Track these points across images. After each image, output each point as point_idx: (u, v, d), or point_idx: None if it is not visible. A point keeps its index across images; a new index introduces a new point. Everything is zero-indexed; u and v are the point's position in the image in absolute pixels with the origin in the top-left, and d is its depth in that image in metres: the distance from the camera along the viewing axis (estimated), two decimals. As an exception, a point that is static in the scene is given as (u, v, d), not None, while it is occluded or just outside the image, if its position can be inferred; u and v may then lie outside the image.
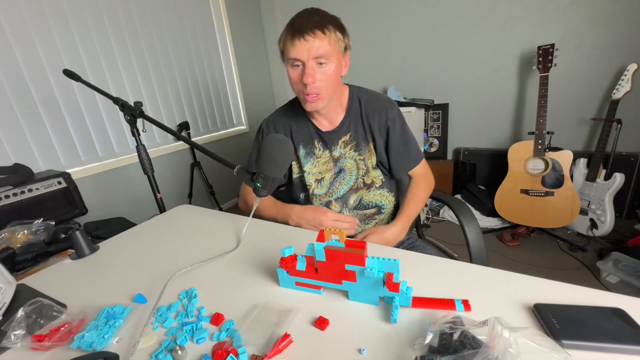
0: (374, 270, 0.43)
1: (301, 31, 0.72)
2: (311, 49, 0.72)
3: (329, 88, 0.79)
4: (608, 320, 0.38)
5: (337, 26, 0.76)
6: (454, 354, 0.32)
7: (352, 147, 0.90)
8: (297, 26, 0.73)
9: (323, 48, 0.73)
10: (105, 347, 0.43)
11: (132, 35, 1.99)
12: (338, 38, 0.76)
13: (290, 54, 0.75)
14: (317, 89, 0.77)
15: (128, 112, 0.95)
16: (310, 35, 0.72)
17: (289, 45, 0.74)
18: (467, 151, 2.40)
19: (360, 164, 0.91)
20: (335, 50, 0.76)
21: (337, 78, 0.80)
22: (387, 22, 2.47)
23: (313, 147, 0.92)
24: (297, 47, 0.73)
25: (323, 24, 0.73)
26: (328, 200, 0.94)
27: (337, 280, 0.48)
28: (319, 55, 0.73)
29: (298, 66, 0.76)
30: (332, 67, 0.76)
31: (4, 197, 1.27)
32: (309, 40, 0.72)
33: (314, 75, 0.75)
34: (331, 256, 0.46)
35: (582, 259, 1.66)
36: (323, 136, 0.90)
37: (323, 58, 0.74)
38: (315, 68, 0.75)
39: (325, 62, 0.75)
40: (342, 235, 0.45)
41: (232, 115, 2.84)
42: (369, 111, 0.89)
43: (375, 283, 0.45)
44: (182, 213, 0.92)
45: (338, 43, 0.76)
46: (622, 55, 1.81)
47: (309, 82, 0.75)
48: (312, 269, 0.49)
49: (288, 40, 0.74)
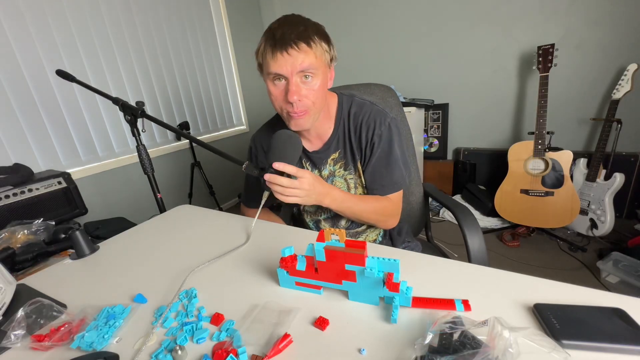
0: (374, 270, 0.43)
1: (284, 44, 0.64)
2: (295, 63, 0.65)
3: (316, 104, 0.71)
4: (608, 320, 0.38)
5: (323, 36, 0.68)
6: (454, 354, 0.32)
7: (342, 165, 0.84)
8: (280, 38, 0.64)
9: (308, 61, 0.65)
10: (105, 347, 0.43)
11: (132, 35, 1.99)
12: (324, 50, 0.68)
13: (271, 69, 0.66)
14: (304, 105, 0.70)
15: (129, 112, 0.95)
16: (294, 48, 0.64)
17: (269, 59, 0.66)
18: (467, 151, 2.40)
19: (350, 182, 0.85)
20: (322, 63, 0.68)
21: (324, 92, 0.74)
22: (387, 22, 2.47)
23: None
24: (279, 62, 0.65)
25: (308, 36, 0.65)
26: (317, 219, 0.91)
27: (337, 280, 0.48)
28: (303, 69, 0.66)
29: (280, 80, 0.68)
30: (319, 82, 0.69)
31: (4, 197, 1.27)
32: (292, 54, 0.64)
33: (299, 92, 0.67)
34: (331, 256, 0.46)
35: (582, 259, 1.66)
36: (311, 156, 0.84)
37: (308, 72, 0.67)
38: (299, 84, 0.67)
39: (311, 75, 0.67)
40: (342, 235, 0.45)
41: (232, 115, 2.84)
42: (357, 125, 0.80)
43: (375, 283, 0.45)
44: (182, 213, 0.92)
45: (324, 55, 0.69)
46: (622, 55, 1.81)
47: (294, 100, 0.67)
48: (312, 269, 0.49)
49: (268, 53, 0.66)
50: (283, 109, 0.72)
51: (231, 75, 2.76)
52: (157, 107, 2.21)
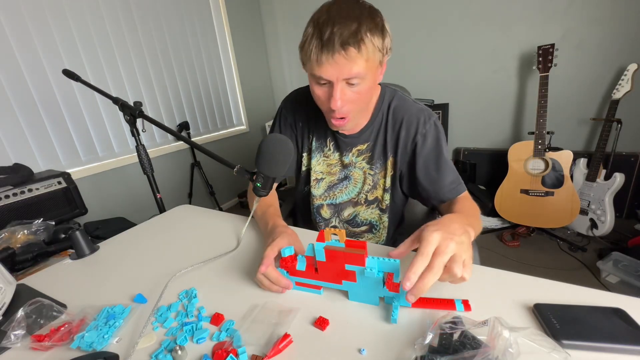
0: (374, 270, 0.43)
1: (331, 47, 0.56)
2: (342, 69, 0.58)
3: (360, 106, 0.67)
4: (608, 320, 0.38)
5: (377, 31, 0.59)
6: (454, 354, 0.32)
7: (366, 158, 0.79)
8: (327, 39, 0.56)
9: (357, 69, 0.58)
10: (105, 347, 0.43)
11: (132, 35, 1.99)
12: (376, 48, 0.59)
13: (315, 72, 0.61)
14: (347, 111, 0.66)
15: (128, 112, 0.95)
16: (341, 55, 0.56)
17: (314, 61, 0.59)
18: (467, 151, 2.40)
19: (369, 178, 0.80)
20: (372, 65, 0.61)
21: (371, 93, 0.69)
22: (387, 22, 2.47)
23: (324, 145, 0.83)
24: (324, 67, 0.59)
25: (360, 37, 0.56)
26: (320, 203, 0.87)
27: (337, 280, 0.48)
28: (350, 77, 0.59)
29: (324, 84, 0.63)
30: (366, 86, 0.63)
31: (4, 197, 1.27)
32: (339, 61, 0.57)
33: (344, 98, 0.62)
34: (331, 256, 0.46)
35: (582, 259, 1.66)
36: (338, 138, 0.80)
37: (356, 79, 0.60)
38: (345, 89, 0.62)
39: (359, 82, 0.61)
40: (342, 235, 0.45)
41: (232, 115, 2.84)
42: (396, 120, 0.75)
43: (376, 283, 0.45)
44: (182, 213, 0.92)
45: (376, 55, 0.60)
46: (622, 55, 1.81)
47: (338, 107, 0.63)
48: (312, 269, 0.49)
49: (312, 54, 0.59)
50: (324, 109, 0.69)
51: (231, 75, 2.76)
52: (157, 107, 2.21)
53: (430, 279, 0.39)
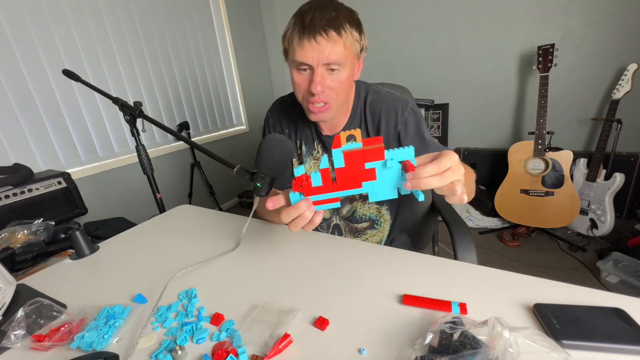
0: (394, 159, 0.43)
1: (312, 30, 0.60)
2: (322, 53, 0.61)
3: (339, 96, 0.69)
4: (608, 320, 0.38)
5: (354, 24, 0.64)
6: (454, 354, 0.32)
7: None
8: (309, 23, 0.60)
9: (336, 53, 0.62)
10: (105, 347, 0.43)
11: (132, 35, 1.99)
12: (354, 39, 0.64)
13: (296, 57, 0.64)
14: (327, 97, 0.67)
15: (127, 112, 0.95)
16: (322, 36, 0.60)
17: (296, 45, 0.63)
18: (467, 151, 2.40)
19: None
20: (350, 53, 0.65)
21: (350, 84, 0.70)
22: (387, 22, 2.47)
23: (312, 148, 0.87)
24: (305, 50, 0.62)
25: (339, 22, 0.61)
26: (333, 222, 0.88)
27: (357, 184, 0.46)
28: (330, 62, 0.63)
29: (305, 70, 0.66)
30: (345, 74, 0.66)
31: (4, 197, 1.27)
32: (320, 42, 0.60)
33: (324, 83, 0.65)
34: (350, 158, 0.44)
35: (582, 259, 1.66)
36: (324, 140, 0.83)
37: (335, 64, 0.63)
38: (325, 75, 0.65)
39: (338, 68, 0.64)
40: (358, 135, 0.43)
41: (232, 115, 2.84)
42: (374, 114, 0.77)
43: (395, 174, 0.44)
44: (182, 213, 0.92)
45: (354, 45, 0.65)
46: (622, 55, 1.81)
47: (318, 92, 0.65)
48: (329, 182, 0.46)
49: (295, 38, 0.63)
50: (304, 99, 0.70)
51: (231, 75, 2.76)
52: (157, 107, 2.21)
53: (433, 169, 0.40)
